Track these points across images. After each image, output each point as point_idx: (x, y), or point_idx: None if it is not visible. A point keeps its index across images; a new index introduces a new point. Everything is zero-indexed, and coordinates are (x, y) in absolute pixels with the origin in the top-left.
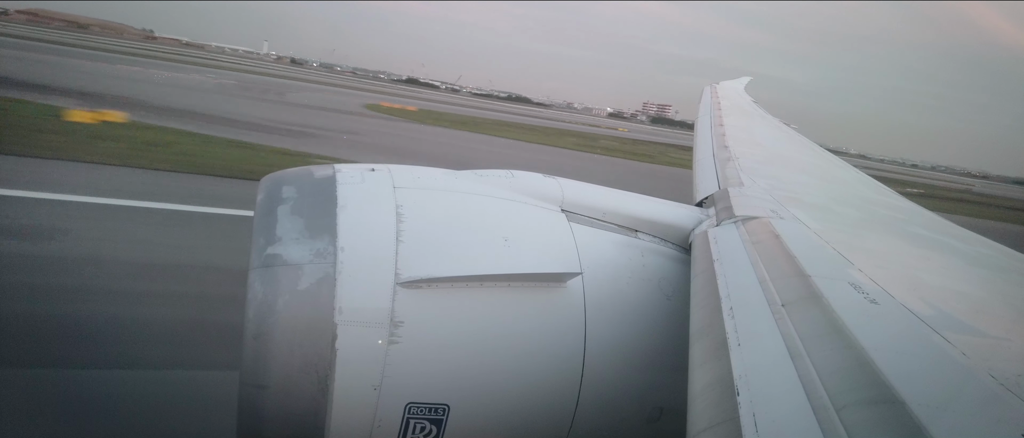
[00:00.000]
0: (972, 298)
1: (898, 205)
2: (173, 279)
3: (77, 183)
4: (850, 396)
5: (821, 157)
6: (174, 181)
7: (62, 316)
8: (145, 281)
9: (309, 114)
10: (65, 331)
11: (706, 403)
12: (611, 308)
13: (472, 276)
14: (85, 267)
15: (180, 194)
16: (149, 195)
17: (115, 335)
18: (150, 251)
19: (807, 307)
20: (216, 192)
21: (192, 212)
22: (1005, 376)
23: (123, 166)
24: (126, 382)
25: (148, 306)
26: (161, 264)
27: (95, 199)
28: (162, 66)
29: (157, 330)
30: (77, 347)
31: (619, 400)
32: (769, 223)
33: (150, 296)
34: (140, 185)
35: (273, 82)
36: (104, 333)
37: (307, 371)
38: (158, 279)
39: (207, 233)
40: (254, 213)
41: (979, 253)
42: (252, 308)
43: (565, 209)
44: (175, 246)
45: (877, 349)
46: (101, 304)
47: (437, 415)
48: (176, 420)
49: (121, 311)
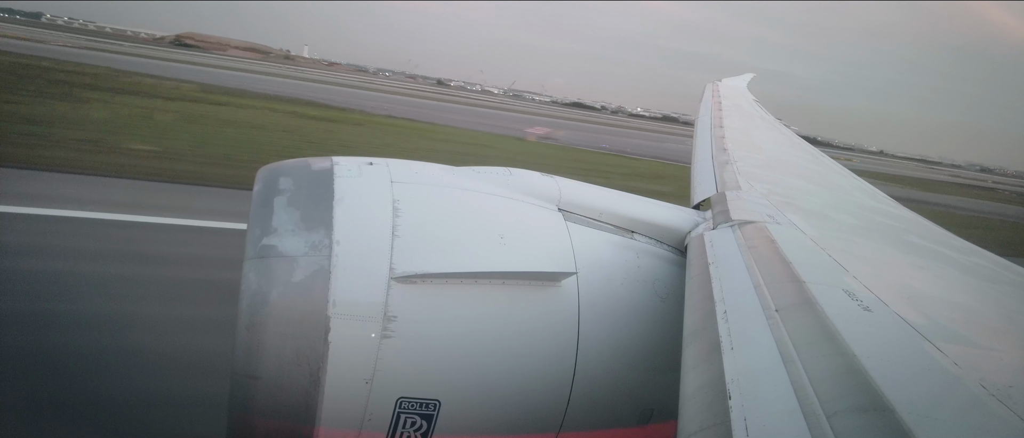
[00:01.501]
0: (965, 308)
1: (895, 213)
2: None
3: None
4: (841, 403)
5: (820, 162)
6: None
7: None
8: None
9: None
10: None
11: (697, 406)
12: (605, 308)
13: (467, 273)
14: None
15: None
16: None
17: None
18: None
19: (800, 313)
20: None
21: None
22: (995, 386)
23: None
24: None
25: None
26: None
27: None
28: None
29: None
30: None
31: (610, 400)
32: (765, 228)
33: None
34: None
35: (488, 111)
36: None
37: (299, 363)
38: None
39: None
40: (251, 204)
41: (973, 263)
42: (246, 298)
43: (562, 208)
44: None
45: (869, 356)
46: None
47: (428, 410)
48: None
49: None
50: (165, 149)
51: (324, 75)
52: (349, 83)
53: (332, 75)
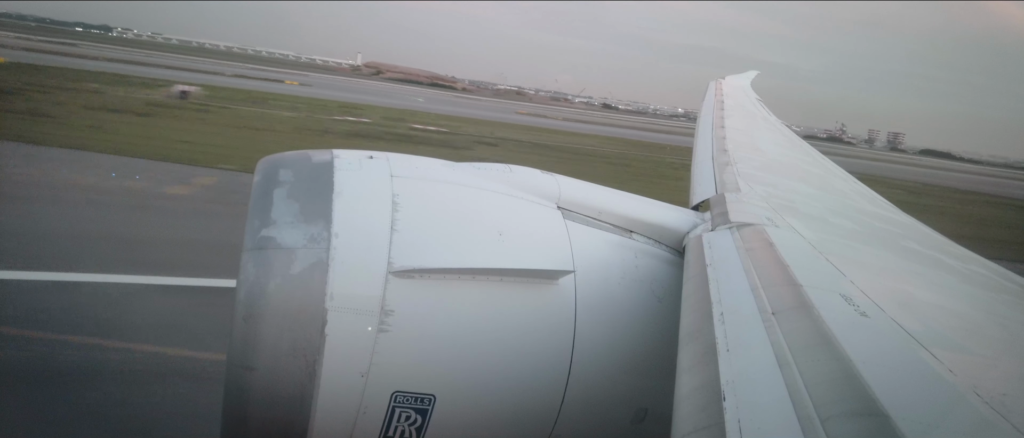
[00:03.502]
0: (962, 316)
1: (895, 218)
2: None
3: None
4: (836, 407)
5: (821, 166)
6: None
7: None
8: None
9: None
10: None
11: (692, 407)
12: (602, 307)
13: (465, 269)
14: None
15: None
16: None
17: None
18: None
19: (797, 316)
20: None
21: None
22: (990, 395)
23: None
24: None
25: None
26: None
27: None
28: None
29: None
30: None
31: (605, 399)
32: (764, 231)
33: None
34: None
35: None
36: None
37: (295, 355)
38: None
39: None
40: (251, 195)
41: (972, 271)
42: (243, 290)
43: (561, 206)
44: None
45: (865, 362)
46: None
47: (423, 405)
48: None
49: None
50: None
51: (537, 106)
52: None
53: (538, 106)
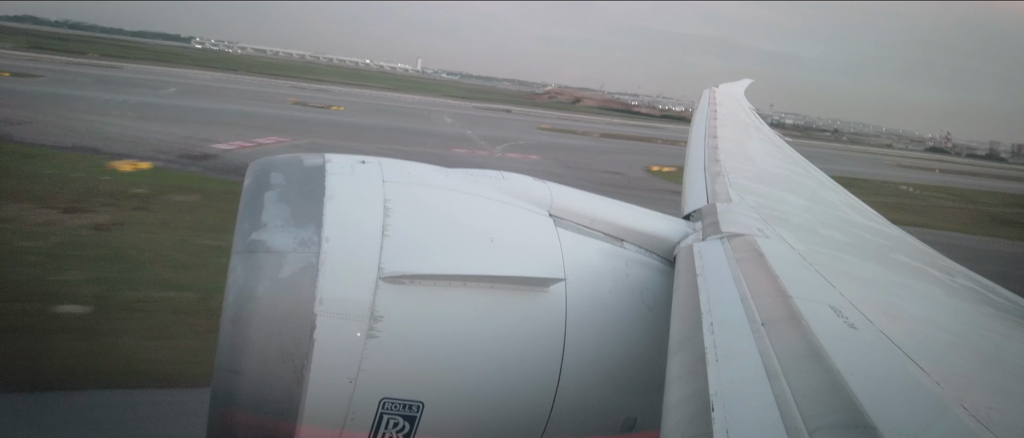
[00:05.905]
0: (950, 329)
1: (884, 231)
2: None
3: None
4: (823, 419)
5: (811, 177)
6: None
7: None
8: None
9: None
10: None
11: (681, 417)
12: (592, 316)
13: (455, 275)
14: None
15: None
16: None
17: None
18: None
19: (786, 328)
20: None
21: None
22: (976, 408)
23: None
24: None
25: None
26: None
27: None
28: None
29: None
30: None
31: (593, 408)
32: (754, 241)
33: None
34: None
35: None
36: None
37: (283, 360)
38: None
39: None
40: (240, 198)
41: (960, 285)
42: (232, 293)
43: (553, 214)
44: None
45: (853, 374)
46: None
47: (411, 412)
48: None
49: None
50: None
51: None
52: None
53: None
